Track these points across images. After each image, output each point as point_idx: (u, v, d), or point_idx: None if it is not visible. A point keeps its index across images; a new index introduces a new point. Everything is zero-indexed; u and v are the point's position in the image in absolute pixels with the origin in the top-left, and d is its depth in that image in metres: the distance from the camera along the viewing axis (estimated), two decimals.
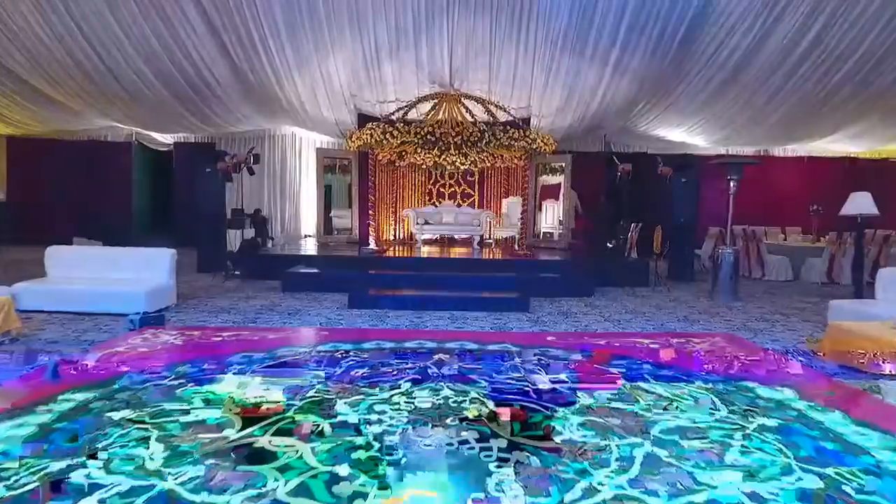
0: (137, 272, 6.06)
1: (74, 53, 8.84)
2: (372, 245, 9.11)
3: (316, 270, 7.80)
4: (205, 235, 9.12)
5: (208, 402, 3.07)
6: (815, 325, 5.82)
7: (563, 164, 10.70)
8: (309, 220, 12.84)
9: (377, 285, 7.23)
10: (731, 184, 7.36)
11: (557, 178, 11.31)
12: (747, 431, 2.82)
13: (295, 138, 13.40)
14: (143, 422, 2.79)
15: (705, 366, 3.97)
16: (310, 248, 10.25)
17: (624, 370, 3.78)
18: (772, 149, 13.38)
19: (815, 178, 13.27)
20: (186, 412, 2.93)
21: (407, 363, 3.86)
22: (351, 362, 3.84)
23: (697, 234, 10.00)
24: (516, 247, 10.23)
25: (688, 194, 9.15)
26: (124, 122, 12.00)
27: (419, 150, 11.01)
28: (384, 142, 8.58)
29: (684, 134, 11.91)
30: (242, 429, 2.71)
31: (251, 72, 9.42)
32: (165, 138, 13.68)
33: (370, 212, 9.31)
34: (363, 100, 9.99)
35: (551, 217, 11.53)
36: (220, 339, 4.52)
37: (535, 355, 4.10)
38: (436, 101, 9.80)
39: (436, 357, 3.99)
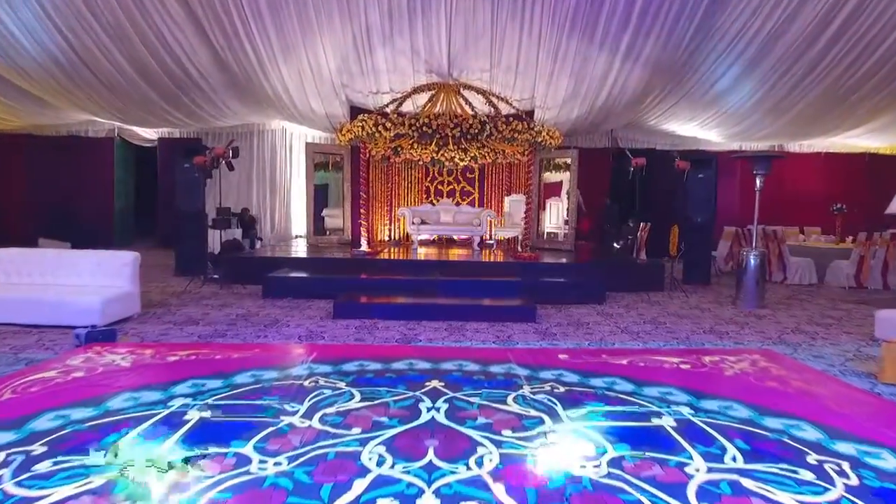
0: (96, 278, 5.38)
1: (42, 41, 8.15)
2: (364, 247, 8.44)
3: (301, 274, 7.12)
4: (184, 236, 8.44)
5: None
6: (860, 339, 5.14)
7: (569, 160, 10.02)
8: (300, 219, 12.16)
9: (367, 291, 6.55)
10: (758, 180, 6.69)
11: (561, 175, 10.64)
12: None
13: (286, 134, 12.72)
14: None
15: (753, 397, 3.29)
16: (298, 249, 9.58)
17: (657, 402, 3.10)
18: (787, 144, 12.71)
19: (832, 174, 12.60)
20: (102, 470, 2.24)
21: (395, 392, 3.18)
22: (321, 395, 3.15)
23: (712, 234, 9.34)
24: (519, 248, 9.55)
25: (705, 191, 8.47)
26: (102, 116, 11.32)
27: (415, 146, 10.36)
28: (376, 135, 7.91)
29: (697, 128, 11.23)
30: None
31: (234, 61, 8.73)
32: (149, 134, 13.01)
33: (362, 211, 8.62)
34: (355, 90, 9.31)
35: (556, 216, 10.85)
36: (175, 358, 3.84)
37: (547, 384, 3.41)
38: (433, 92, 9.14)
39: (429, 385, 3.31)
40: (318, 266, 7.75)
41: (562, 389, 3.27)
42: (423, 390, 3.19)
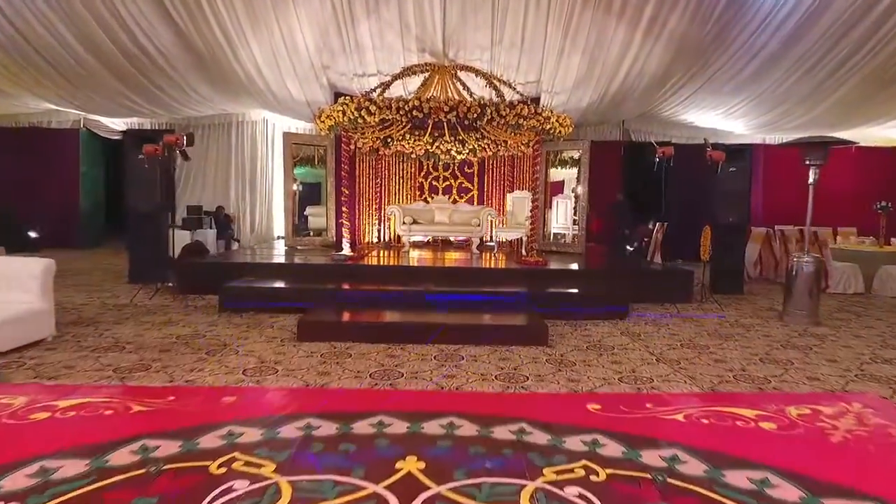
0: None
1: None
2: (345, 250, 7.33)
3: (266, 284, 6.01)
4: (139, 238, 7.33)
5: None
6: None
7: (579, 153, 8.92)
8: (282, 218, 11.05)
9: (345, 304, 5.44)
10: (812, 172, 5.59)
11: (566, 173, 9.56)
12: None
13: (267, 126, 11.62)
14: None
15: None
16: (273, 253, 8.46)
17: (751, 500, 2.00)
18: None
19: (867, 170, 11.50)
20: None
21: (346, 489, 2.07)
22: (229, 491, 2.03)
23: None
24: (524, 252, 8.44)
25: (737, 187, 7.36)
26: (57, 104, 10.20)
27: (407, 137, 9.27)
28: (359, 120, 6.80)
29: (720, 118, 10.13)
30: None
31: (198, 36, 7.62)
32: (118, 125, 11.89)
33: (343, 209, 7.51)
34: (337, 72, 8.20)
35: (563, 215, 9.76)
36: (46, 416, 2.73)
37: (579, 463, 2.30)
38: (426, 74, 8.03)
39: (402, 468, 2.20)
40: (290, 273, 6.65)
41: (602, 476, 2.16)
42: (390, 481, 2.08)
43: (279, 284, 6.03)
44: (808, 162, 5.55)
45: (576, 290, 6.09)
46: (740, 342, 4.86)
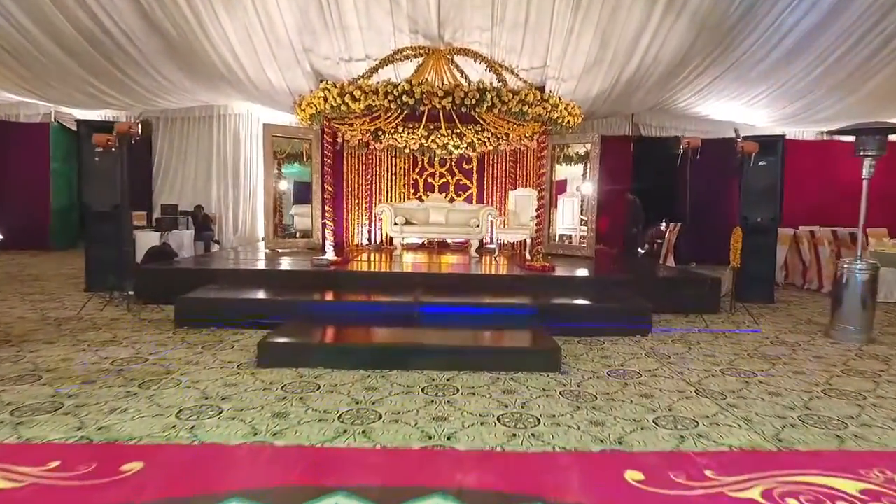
0: None
1: None
2: (328, 254, 6.53)
3: (231, 295, 5.21)
4: (96, 240, 6.52)
5: None
6: None
7: (588, 147, 8.12)
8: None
9: (322, 319, 4.65)
10: (866, 163, 4.79)
11: (569, 170, 8.78)
12: None
13: (251, 119, 10.85)
14: None
15: None
16: (250, 257, 7.66)
17: None
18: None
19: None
20: None
21: None
22: None
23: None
24: (528, 255, 7.65)
25: (768, 183, 6.55)
26: (21, 95, 9.42)
27: (400, 129, 8.48)
28: (343, 107, 6.00)
29: (742, 108, 9.33)
30: None
31: (166, 16, 6.84)
32: (91, 118, 11.09)
33: (327, 209, 6.71)
34: (320, 56, 7.41)
35: (570, 215, 8.96)
36: None
37: None
38: (420, 59, 7.25)
39: None
40: (263, 281, 5.85)
41: None
42: None
43: (247, 295, 5.23)
44: (862, 152, 4.74)
45: (589, 302, 5.28)
46: (790, 366, 4.06)
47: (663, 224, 10.28)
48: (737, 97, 8.84)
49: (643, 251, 10.33)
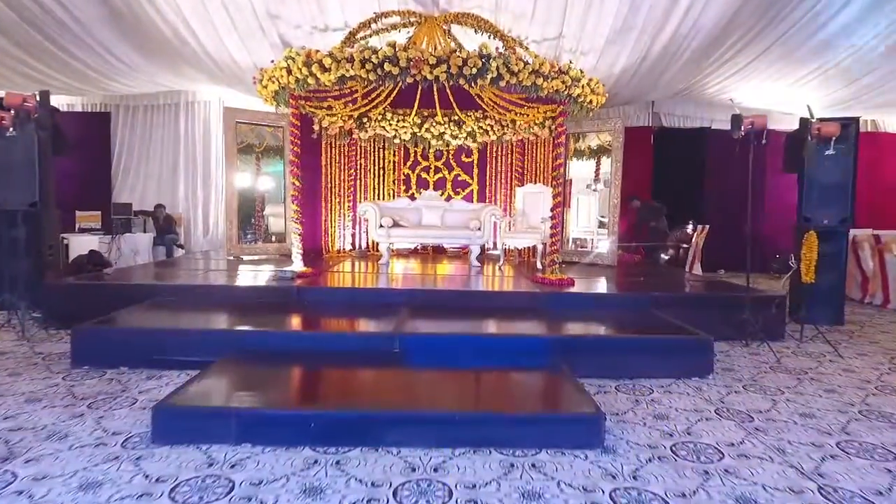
0: None
1: None
2: (295, 264, 5.28)
3: (153, 324, 3.96)
4: (6, 246, 5.26)
5: None
6: None
7: (610, 136, 6.88)
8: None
9: (263, 360, 3.39)
10: None
11: (580, 165, 7.58)
12: None
13: (222, 106, 9.55)
14: None
15: None
16: (206, 267, 6.42)
17: None
18: (885, 120, 9.61)
19: None
20: None
21: None
22: None
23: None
24: (539, 265, 6.41)
25: (837, 177, 5.30)
26: None
27: (389, 116, 7.28)
28: (311, 80, 4.77)
29: (784, 91, 8.07)
30: None
31: None
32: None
33: (294, 207, 5.46)
34: (290, 24, 6.17)
35: (586, 215, 7.73)
36: None
37: None
38: (410, 29, 6.03)
39: None
40: (209, 300, 4.60)
41: None
42: None
43: (172, 322, 3.97)
44: None
45: (627, 333, 4.01)
46: None
47: (690, 226, 9.04)
48: (780, 78, 7.60)
49: (667, 257, 9.10)
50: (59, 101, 9.53)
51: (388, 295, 4.73)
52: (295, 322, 4.19)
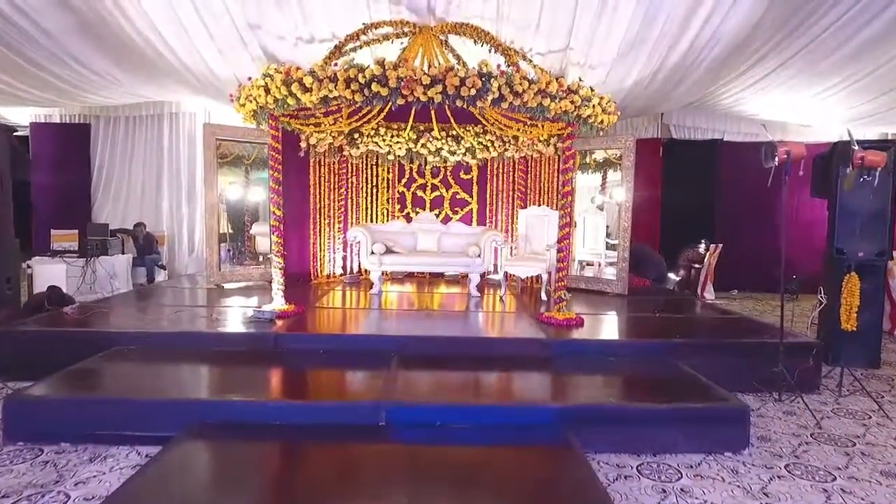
0: None
1: None
2: (276, 301, 4.78)
3: (98, 391, 3.46)
4: None
5: None
6: None
7: (620, 153, 6.37)
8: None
9: (224, 439, 2.88)
10: None
11: (584, 179, 7.12)
12: None
13: (209, 119, 9.09)
14: None
15: None
16: (179, 301, 5.92)
17: None
18: None
19: None
20: None
21: None
22: None
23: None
24: (544, 295, 5.89)
25: (873, 204, 4.78)
26: None
27: (382, 132, 6.80)
28: (291, 100, 4.27)
29: (804, 103, 7.56)
30: None
31: None
32: (20, 118, 9.36)
33: (275, 237, 4.94)
34: (273, 35, 5.65)
35: (592, 237, 7.24)
36: None
37: None
38: (403, 41, 5.53)
39: None
40: (171, 350, 4.08)
41: None
42: None
43: (126, 386, 3.47)
44: None
45: (649, 403, 3.47)
46: None
47: (702, 245, 8.53)
48: (800, 90, 7.09)
49: (678, 279, 8.58)
50: (34, 112, 9.08)
51: (376, 342, 4.22)
52: (269, 381, 3.68)
